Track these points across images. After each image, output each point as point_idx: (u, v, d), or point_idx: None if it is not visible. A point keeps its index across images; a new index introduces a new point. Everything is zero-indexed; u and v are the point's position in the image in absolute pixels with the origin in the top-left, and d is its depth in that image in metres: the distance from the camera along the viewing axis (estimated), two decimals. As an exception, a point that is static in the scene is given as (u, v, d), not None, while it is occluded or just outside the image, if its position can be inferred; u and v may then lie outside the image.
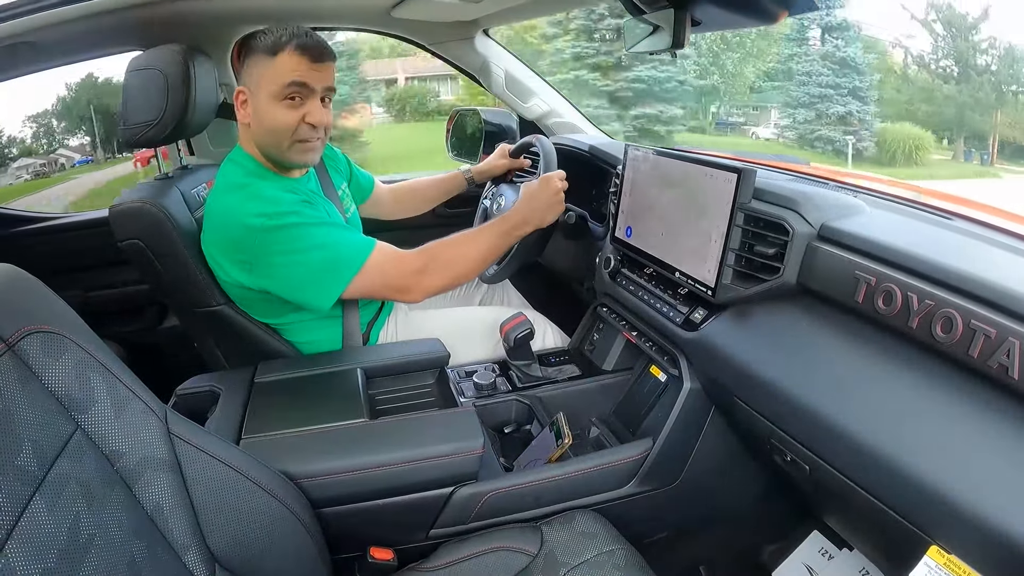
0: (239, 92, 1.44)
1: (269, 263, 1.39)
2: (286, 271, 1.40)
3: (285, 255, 1.38)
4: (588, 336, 1.79)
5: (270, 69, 1.39)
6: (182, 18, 1.81)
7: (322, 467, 1.14)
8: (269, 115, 1.42)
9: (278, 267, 1.40)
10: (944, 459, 0.81)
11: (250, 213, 1.37)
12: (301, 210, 1.41)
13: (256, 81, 1.41)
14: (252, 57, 1.41)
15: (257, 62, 1.40)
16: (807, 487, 1.16)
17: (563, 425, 1.35)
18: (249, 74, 1.42)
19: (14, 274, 0.83)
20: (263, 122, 1.43)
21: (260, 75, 1.40)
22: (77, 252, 2.26)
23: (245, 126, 1.48)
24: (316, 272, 1.40)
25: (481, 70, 2.42)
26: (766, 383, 1.10)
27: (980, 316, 0.81)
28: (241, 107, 1.46)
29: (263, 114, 1.42)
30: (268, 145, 1.46)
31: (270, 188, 1.43)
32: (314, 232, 1.40)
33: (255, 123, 1.45)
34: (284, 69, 1.38)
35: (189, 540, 0.86)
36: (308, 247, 1.39)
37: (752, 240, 1.17)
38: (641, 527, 1.36)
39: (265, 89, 1.40)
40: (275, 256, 1.38)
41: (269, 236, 1.37)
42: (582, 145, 2.03)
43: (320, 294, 1.43)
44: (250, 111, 1.44)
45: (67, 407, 0.79)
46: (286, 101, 1.41)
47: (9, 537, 0.63)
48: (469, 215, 2.19)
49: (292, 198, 1.42)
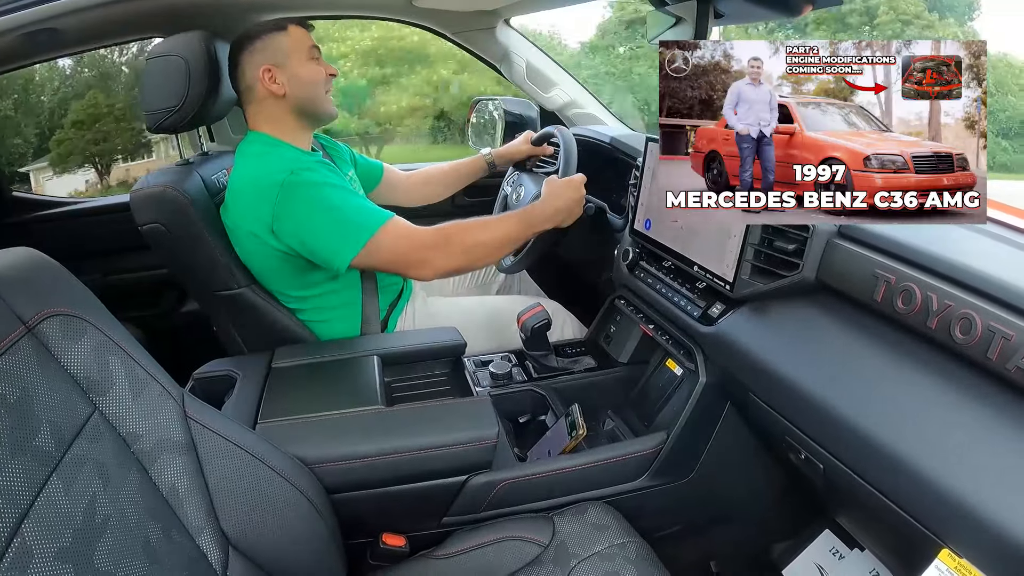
0: (266, 70, 1.53)
1: (291, 216, 1.43)
2: (307, 224, 1.44)
3: (306, 207, 1.43)
4: (605, 328, 1.79)
5: (290, 38, 1.56)
6: (203, 6, 1.83)
7: (337, 453, 1.15)
8: (308, 73, 1.57)
9: (300, 221, 1.44)
10: (958, 462, 0.80)
11: (274, 170, 1.44)
12: (321, 169, 1.49)
13: (283, 51, 1.55)
14: (263, 39, 1.55)
15: (272, 39, 1.55)
16: (820, 485, 1.16)
17: (578, 416, 1.35)
18: (269, 51, 1.54)
19: (34, 257, 0.84)
20: (303, 81, 1.56)
21: (284, 46, 1.55)
22: (97, 236, 2.28)
23: (276, 100, 1.56)
24: (334, 228, 1.44)
25: (502, 60, 2.40)
26: (782, 379, 1.09)
27: (1000, 318, 0.80)
28: (271, 83, 1.54)
29: (302, 75, 1.56)
30: (308, 99, 1.59)
31: (290, 151, 1.54)
32: (332, 193, 1.46)
33: (294, 87, 1.56)
34: (301, 36, 1.58)
35: (203, 522, 0.87)
36: (328, 206, 1.44)
37: (771, 235, 1.16)
38: (653, 521, 1.36)
39: (296, 54, 1.56)
40: (297, 209, 1.43)
41: (292, 191, 1.43)
42: (603, 137, 2.02)
43: (337, 252, 1.44)
44: (282, 80, 1.55)
45: (85, 389, 0.80)
46: (312, 60, 1.58)
47: (26, 516, 0.64)
48: (488, 204, 2.19)
49: (312, 158, 1.53)
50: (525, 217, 1.56)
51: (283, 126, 1.57)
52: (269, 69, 1.53)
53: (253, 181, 1.47)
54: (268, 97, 1.55)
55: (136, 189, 1.47)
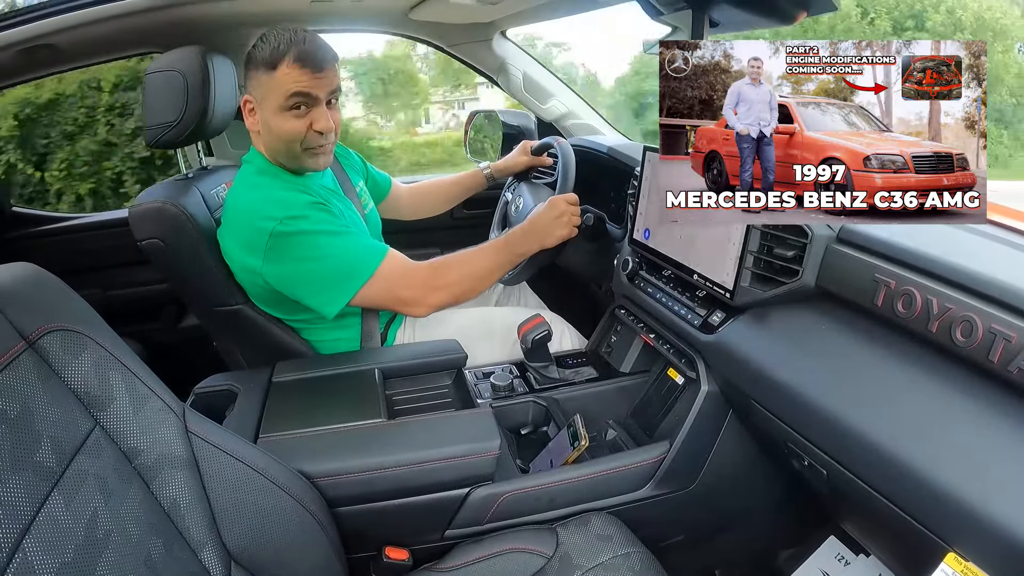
0: (246, 101, 1.47)
1: (278, 267, 1.41)
2: (295, 277, 1.42)
3: (294, 262, 1.40)
4: (605, 338, 1.79)
5: (272, 81, 1.39)
6: (200, 20, 1.83)
7: (339, 466, 1.14)
8: (276, 126, 1.43)
9: (287, 273, 1.42)
10: (962, 465, 0.80)
11: (262, 215, 1.39)
12: (312, 214, 1.42)
13: (261, 93, 1.43)
14: (253, 70, 1.42)
15: (258, 75, 1.41)
16: (824, 492, 1.15)
17: (580, 427, 1.34)
18: (252, 86, 1.44)
19: (34, 273, 0.84)
20: (271, 132, 1.45)
21: (263, 88, 1.41)
22: (97, 252, 2.29)
23: (256, 132, 1.50)
24: (322, 281, 1.42)
25: (499, 71, 2.42)
26: (784, 386, 1.09)
27: (1001, 320, 0.80)
28: (249, 115, 1.48)
29: (271, 125, 1.44)
30: (279, 153, 1.48)
31: (282, 189, 1.46)
32: (323, 241, 1.41)
33: (264, 132, 1.47)
34: (286, 81, 1.38)
35: (205, 537, 0.87)
36: (316, 256, 1.41)
37: (771, 242, 1.16)
38: (657, 530, 1.36)
39: (270, 102, 1.42)
40: (284, 262, 1.40)
41: (279, 241, 1.39)
42: (601, 147, 2.03)
43: (326, 302, 1.44)
44: (258, 119, 1.46)
45: (86, 404, 0.80)
46: (292, 111, 1.42)
47: (27, 532, 0.64)
48: (487, 216, 2.19)
49: (304, 200, 1.43)
50: (506, 244, 1.58)
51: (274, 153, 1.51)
52: (249, 101, 1.47)
53: (244, 219, 1.44)
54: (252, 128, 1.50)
55: (135, 204, 1.47)
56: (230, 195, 1.51)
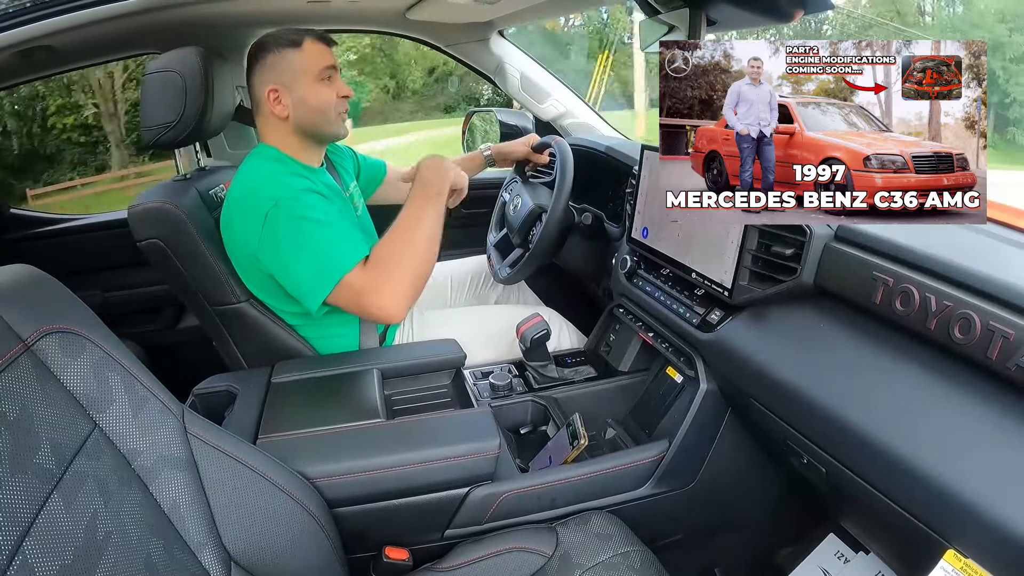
0: (271, 90, 1.52)
1: (271, 247, 1.42)
2: (282, 260, 1.43)
3: (284, 242, 1.41)
4: (604, 337, 1.79)
5: (301, 57, 1.51)
6: (199, 22, 1.83)
7: (338, 467, 1.14)
8: (315, 96, 1.53)
9: (276, 253, 1.42)
10: (961, 462, 0.80)
11: (264, 196, 1.42)
12: (309, 200, 1.44)
13: (292, 71, 1.51)
14: (275, 54, 1.51)
15: (284, 56, 1.51)
16: (823, 489, 1.16)
17: (579, 426, 1.34)
18: (278, 70, 1.51)
19: (32, 274, 0.84)
20: (309, 104, 1.53)
21: (292, 67, 1.51)
22: (95, 253, 2.28)
23: (280, 120, 1.54)
24: (308, 270, 1.41)
25: (496, 71, 2.42)
26: (782, 384, 1.09)
27: (999, 318, 0.80)
28: (276, 104, 1.53)
29: (309, 97, 1.53)
30: (316, 124, 1.56)
31: (286, 174, 1.48)
32: (313, 231, 1.41)
33: (299, 110, 1.54)
34: (315, 54, 1.52)
35: (205, 539, 0.87)
36: (305, 243, 1.40)
37: (769, 240, 1.16)
38: (657, 529, 1.36)
39: (305, 75, 1.52)
40: (277, 241, 1.41)
41: (274, 223, 1.40)
42: (599, 146, 2.03)
43: (309, 293, 1.42)
44: (287, 103, 1.53)
45: (85, 406, 0.80)
46: (324, 82, 1.54)
47: (27, 534, 0.63)
48: (486, 216, 2.19)
49: (304, 184, 1.46)
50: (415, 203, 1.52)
51: (289, 143, 1.56)
52: (275, 90, 1.52)
53: (245, 199, 1.45)
54: (272, 116, 1.54)
55: (134, 205, 1.47)
56: (234, 182, 1.52)
